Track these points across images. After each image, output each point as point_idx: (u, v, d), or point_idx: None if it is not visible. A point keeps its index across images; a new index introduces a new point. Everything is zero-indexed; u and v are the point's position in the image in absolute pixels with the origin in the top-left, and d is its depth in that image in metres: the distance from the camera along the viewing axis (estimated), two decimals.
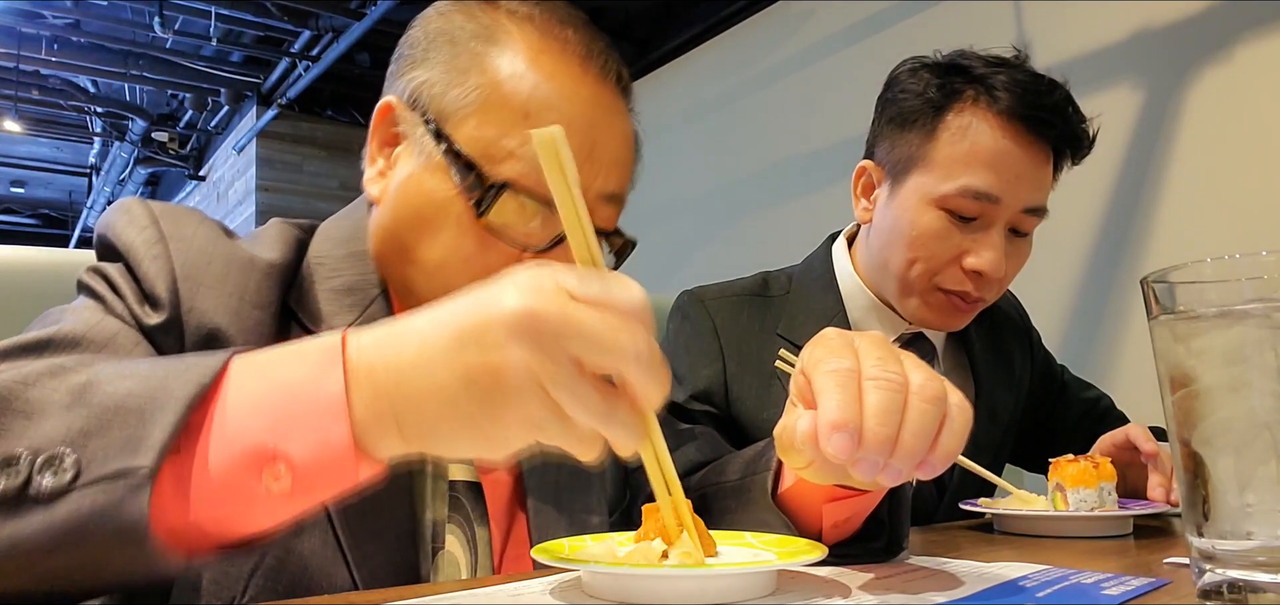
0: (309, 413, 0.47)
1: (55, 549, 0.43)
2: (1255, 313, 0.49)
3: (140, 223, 0.67)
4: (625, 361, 0.45)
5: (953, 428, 0.52)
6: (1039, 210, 1.11)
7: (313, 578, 0.64)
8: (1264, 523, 0.49)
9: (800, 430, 0.53)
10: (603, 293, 0.45)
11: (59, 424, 0.45)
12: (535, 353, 0.44)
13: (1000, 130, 1.07)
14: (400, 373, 0.47)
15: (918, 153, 1.11)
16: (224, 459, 0.46)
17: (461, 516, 0.73)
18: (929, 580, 0.59)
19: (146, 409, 0.45)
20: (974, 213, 1.08)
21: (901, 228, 1.12)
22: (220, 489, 0.46)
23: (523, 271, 0.46)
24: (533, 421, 0.46)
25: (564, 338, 0.44)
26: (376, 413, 0.47)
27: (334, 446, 0.46)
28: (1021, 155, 1.07)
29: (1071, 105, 1.11)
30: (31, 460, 0.44)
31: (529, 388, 0.45)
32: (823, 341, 0.57)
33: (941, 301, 1.13)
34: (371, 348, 0.48)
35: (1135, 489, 1.06)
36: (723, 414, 1.15)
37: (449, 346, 0.46)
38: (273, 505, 0.47)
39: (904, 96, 1.14)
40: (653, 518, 0.57)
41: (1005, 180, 1.07)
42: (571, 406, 0.45)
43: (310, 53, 4.88)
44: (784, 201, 3.13)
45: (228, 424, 0.46)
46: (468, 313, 0.46)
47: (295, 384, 0.47)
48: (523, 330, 0.44)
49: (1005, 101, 1.07)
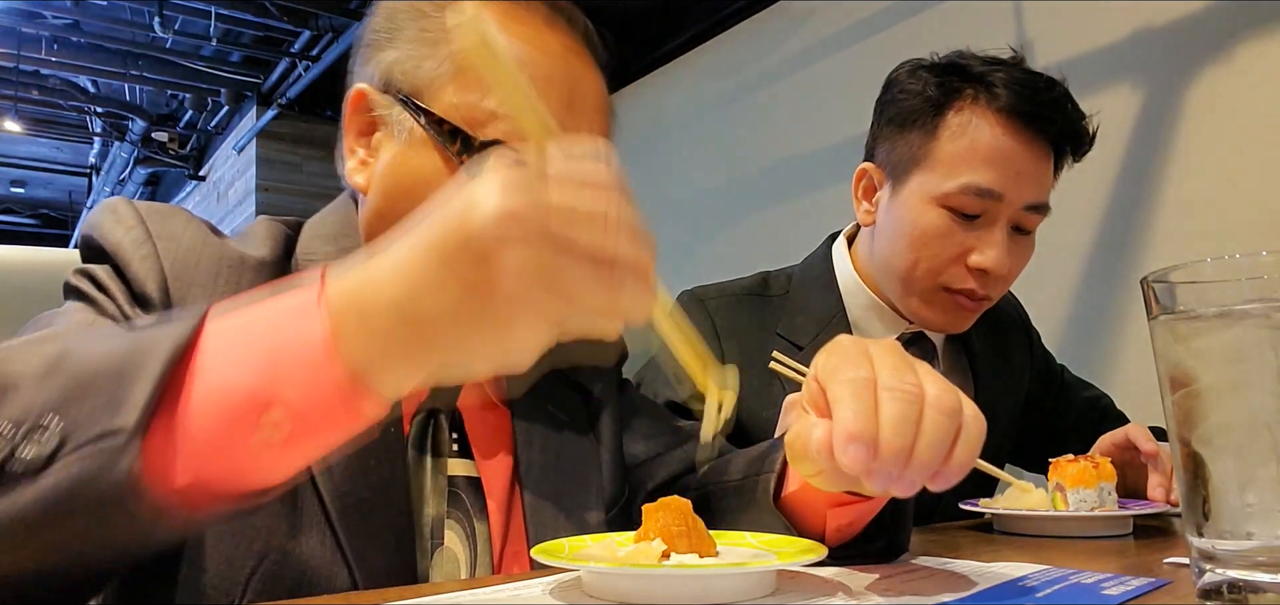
0: (296, 356, 0.46)
1: (46, 521, 0.42)
2: (1255, 313, 0.49)
3: (127, 222, 0.66)
4: (613, 233, 0.45)
5: (967, 439, 0.52)
6: (1041, 207, 1.11)
7: (313, 578, 0.63)
8: (1264, 523, 0.49)
9: (815, 439, 0.53)
10: (573, 168, 0.45)
11: (37, 394, 0.44)
12: (527, 251, 0.44)
13: (1001, 127, 1.07)
14: (398, 307, 0.46)
15: (919, 152, 1.11)
16: (215, 411, 0.45)
17: (460, 512, 0.73)
18: (929, 580, 0.59)
19: (126, 370, 0.44)
20: (977, 210, 1.08)
21: (904, 228, 1.12)
22: (217, 442, 0.45)
23: (489, 170, 0.46)
24: (545, 316, 0.46)
25: (549, 229, 0.44)
26: (379, 351, 0.46)
27: (327, 386, 0.46)
28: (1022, 151, 1.07)
29: (1070, 102, 1.11)
30: (13, 432, 0.43)
31: (532, 287, 0.45)
32: (838, 349, 0.56)
33: (947, 301, 1.13)
34: (356, 289, 0.47)
35: (1135, 489, 1.06)
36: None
37: (439, 267, 0.45)
38: (278, 453, 0.46)
39: (903, 97, 1.14)
40: (653, 518, 0.57)
41: (1007, 177, 1.07)
42: (577, 291, 0.45)
43: (310, 53, 4.88)
44: (784, 201, 3.13)
45: (213, 377, 0.45)
46: (447, 228, 0.45)
47: (277, 329, 0.47)
48: (508, 233, 0.44)
49: (1005, 99, 1.07)
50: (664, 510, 0.57)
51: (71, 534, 0.43)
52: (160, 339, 0.46)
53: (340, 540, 0.64)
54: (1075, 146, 1.13)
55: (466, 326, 0.46)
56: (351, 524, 0.65)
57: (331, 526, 0.64)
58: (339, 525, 0.64)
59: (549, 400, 0.82)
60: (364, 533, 0.66)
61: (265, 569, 0.62)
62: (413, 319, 0.46)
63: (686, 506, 0.58)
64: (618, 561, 0.54)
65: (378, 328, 0.46)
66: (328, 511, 0.64)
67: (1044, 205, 1.12)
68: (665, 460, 0.91)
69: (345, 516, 0.65)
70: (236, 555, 0.61)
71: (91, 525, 0.43)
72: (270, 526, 0.62)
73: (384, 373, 0.47)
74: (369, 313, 0.46)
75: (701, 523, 0.58)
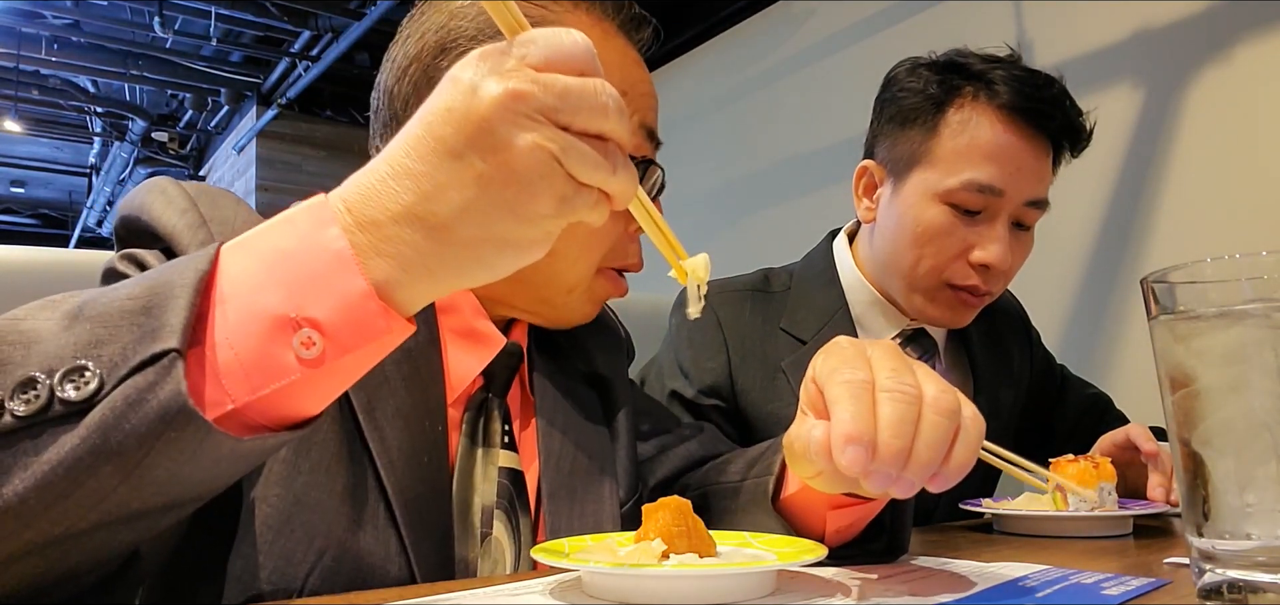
0: (318, 272, 0.45)
1: (99, 462, 0.41)
2: (1255, 313, 0.49)
3: (179, 205, 0.63)
4: (604, 113, 0.47)
5: (966, 440, 0.52)
6: (1041, 203, 1.12)
7: (369, 571, 0.63)
8: (1264, 523, 0.49)
9: (814, 440, 0.53)
10: (553, 53, 0.46)
11: (65, 342, 0.43)
12: (538, 129, 0.45)
13: (1001, 124, 1.09)
14: (412, 214, 0.46)
15: (919, 150, 1.12)
16: (246, 336, 0.44)
17: (506, 503, 0.73)
18: (929, 580, 0.59)
19: (153, 304, 0.43)
20: (978, 206, 1.09)
21: (907, 225, 1.13)
22: (252, 366, 0.44)
23: (472, 64, 0.46)
24: (558, 196, 0.47)
25: (551, 109, 0.45)
26: (399, 260, 0.46)
27: (355, 298, 0.45)
28: (1022, 147, 1.09)
29: (1068, 99, 1.12)
30: (49, 378, 0.41)
31: (548, 164, 0.45)
32: (836, 350, 0.56)
33: (949, 297, 1.14)
34: (365, 202, 0.47)
35: (1135, 489, 1.06)
36: (731, 407, 1.16)
37: (451, 167, 0.45)
38: (318, 376, 0.45)
39: (903, 95, 1.15)
40: (653, 518, 0.57)
41: (1007, 173, 1.08)
42: (582, 168, 0.46)
43: (310, 53, 4.88)
44: (785, 201, 3.13)
45: (238, 303, 0.45)
46: (449, 127, 0.46)
47: (293, 250, 0.46)
48: (516, 114, 0.45)
49: (1004, 95, 1.08)
50: (664, 510, 0.57)
51: (129, 474, 0.42)
52: (181, 270, 0.45)
53: (401, 533, 0.64)
54: (1074, 142, 1.14)
55: (484, 217, 0.46)
56: (410, 517, 0.64)
57: (394, 520, 0.64)
58: (401, 519, 0.64)
59: (568, 396, 0.82)
60: (422, 525, 0.65)
61: (324, 564, 0.61)
62: (429, 222, 0.46)
63: (686, 506, 0.58)
64: (618, 561, 0.54)
65: (393, 237, 0.46)
66: (390, 505, 0.64)
67: (1043, 201, 1.12)
68: (667, 456, 0.91)
69: (406, 510, 0.64)
70: (295, 551, 0.60)
71: (147, 461, 0.41)
72: (331, 523, 0.62)
73: (409, 282, 0.47)
74: (383, 225, 0.46)
75: (701, 523, 0.58)
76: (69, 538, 0.43)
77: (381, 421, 0.65)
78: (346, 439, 0.64)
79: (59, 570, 0.45)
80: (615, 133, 0.48)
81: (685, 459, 0.91)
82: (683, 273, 0.59)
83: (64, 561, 0.45)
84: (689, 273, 0.58)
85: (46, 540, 0.43)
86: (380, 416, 0.65)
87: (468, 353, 0.74)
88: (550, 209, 0.47)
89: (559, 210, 0.47)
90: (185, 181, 0.66)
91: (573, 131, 0.46)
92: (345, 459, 0.64)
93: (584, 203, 0.48)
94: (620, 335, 0.96)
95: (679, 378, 1.18)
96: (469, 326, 0.75)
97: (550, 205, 0.47)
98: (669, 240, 0.58)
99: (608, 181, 0.48)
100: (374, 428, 0.65)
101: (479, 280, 0.50)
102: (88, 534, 0.44)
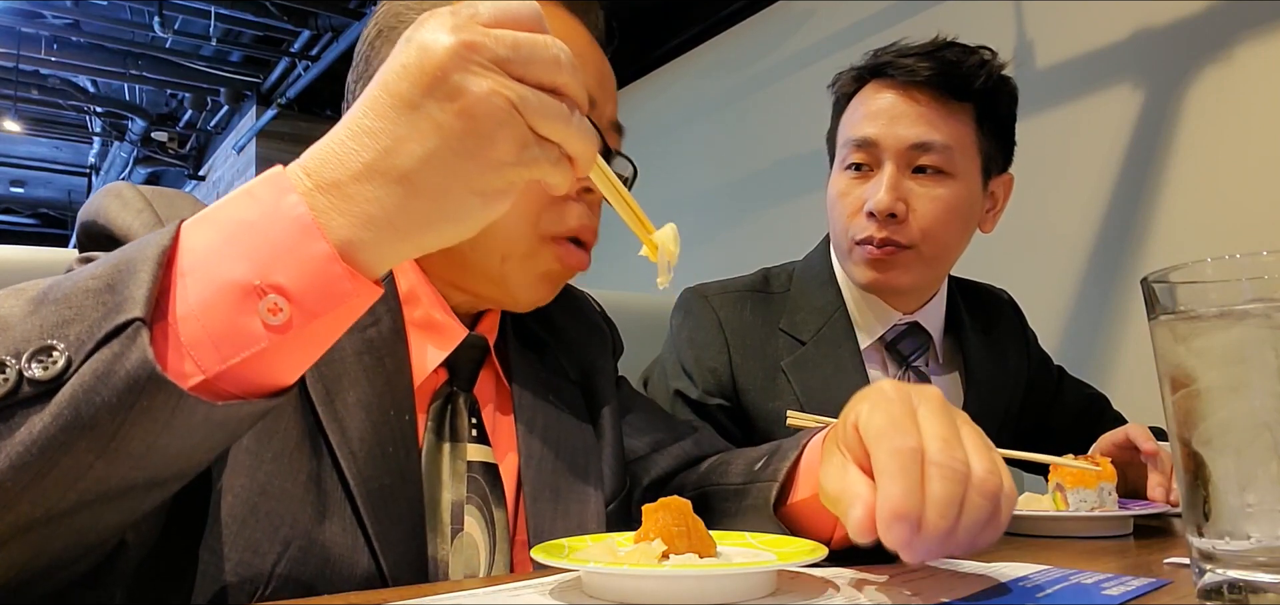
0: (278, 240, 0.45)
1: (73, 437, 0.41)
2: (1255, 313, 0.49)
3: (135, 207, 0.64)
4: (557, 66, 0.47)
5: (997, 522, 0.52)
6: (925, 145, 1.15)
7: (336, 565, 0.63)
8: (1264, 523, 0.48)
9: (859, 508, 0.52)
10: (502, 13, 0.47)
11: (31, 325, 0.43)
12: (492, 76, 0.46)
13: (875, 86, 1.20)
14: (372, 170, 0.46)
15: (836, 137, 1.25)
16: (210, 308, 0.44)
17: (479, 498, 0.73)
18: (929, 580, 0.59)
19: (116, 282, 0.44)
20: (862, 160, 1.19)
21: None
22: (220, 335, 0.44)
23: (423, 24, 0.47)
24: (519, 141, 0.47)
25: (503, 59, 0.46)
26: (362, 219, 0.46)
27: (319, 261, 0.45)
28: (893, 97, 1.17)
29: (946, 47, 1.19)
30: (16, 361, 0.41)
31: (506, 110, 0.46)
32: (883, 404, 0.54)
33: (860, 255, 1.19)
34: (325, 168, 0.47)
35: (1135, 489, 1.06)
36: (733, 405, 1.17)
37: (409, 118, 0.46)
38: (288, 343, 0.45)
39: (836, 95, 1.28)
40: (652, 518, 0.57)
41: (881, 123, 1.17)
42: (539, 118, 0.47)
43: (310, 53, 4.88)
44: (784, 201, 3.13)
45: (202, 274, 0.45)
46: (405, 81, 0.46)
47: (255, 220, 0.46)
48: (469, 62, 0.45)
49: (875, 63, 1.20)
50: (664, 510, 0.57)
51: (96, 452, 0.42)
52: (142, 246, 0.45)
53: (365, 526, 0.64)
54: (962, 84, 1.16)
55: (446, 165, 0.46)
56: (375, 509, 0.64)
57: (356, 512, 0.64)
58: (363, 510, 0.64)
59: (550, 392, 0.82)
60: (387, 518, 0.65)
61: (290, 556, 0.61)
62: (391, 175, 0.46)
63: (686, 507, 0.58)
64: (617, 562, 0.54)
65: (355, 195, 0.46)
66: (352, 496, 0.64)
67: (931, 143, 1.15)
68: (663, 455, 0.91)
69: (369, 501, 0.64)
70: (262, 541, 0.60)
71: (120, 433, 0.42)
72: (296, 512, 0.62)
73: (374, 241, 0.47)
74: (345, 185, 0.46)
75: (701, 523, 0.58)
76: (51, 519, 0.43)
77: (341, 411, 0.65)
78: (307, 429, 0.64)
79: (46, 557, 0.45)
80: (569, 87, 0.48)
81: (680, 458, 0.91)
82: (653, 247, 0.58)
83: (49, 547, 0.45)
84: (659, 244, 0.58)
85: (28, 522, 0.43)
86: (340, 406, 0.65)
87: (429, 344, 0.74)
88: (511, 155, 0.47)
89: (520, 157, 0.48)
90: (142, 185, 0.67)
91: (527, 83, 0.47)
92: (306, 448, 0.64)
93: (546, 157, 0.48)
94: (605, 332, 0.96)
95: (682, 378, 1.19)
96: (429, 318, 0.74)
97: (511, 151, 0.47)
98: (636, 214, 0.58)
99: (566, 135, 0.48)
100: (333, 418, 0.65)
101: (446, 236, 0.50)
102: (70, 515, 0.44)
